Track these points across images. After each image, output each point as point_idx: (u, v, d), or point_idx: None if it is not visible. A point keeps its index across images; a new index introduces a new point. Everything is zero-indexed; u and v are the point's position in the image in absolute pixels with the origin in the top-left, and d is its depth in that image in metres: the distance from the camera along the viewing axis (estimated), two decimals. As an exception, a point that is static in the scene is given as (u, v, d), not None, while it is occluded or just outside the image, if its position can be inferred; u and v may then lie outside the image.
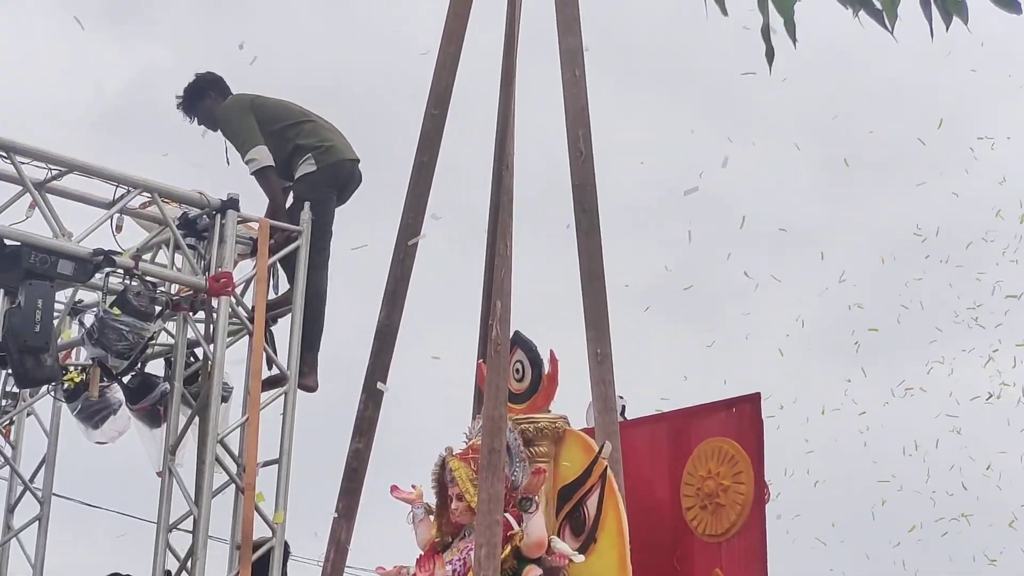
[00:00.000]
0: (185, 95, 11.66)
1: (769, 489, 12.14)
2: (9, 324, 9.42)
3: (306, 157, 11.17)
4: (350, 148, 11.57)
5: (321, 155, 11.22)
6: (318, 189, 11.17)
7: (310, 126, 11.41)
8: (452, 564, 11.76)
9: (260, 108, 11.40)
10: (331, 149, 11.30)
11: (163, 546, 9.95)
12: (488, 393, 11.73)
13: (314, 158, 11.17)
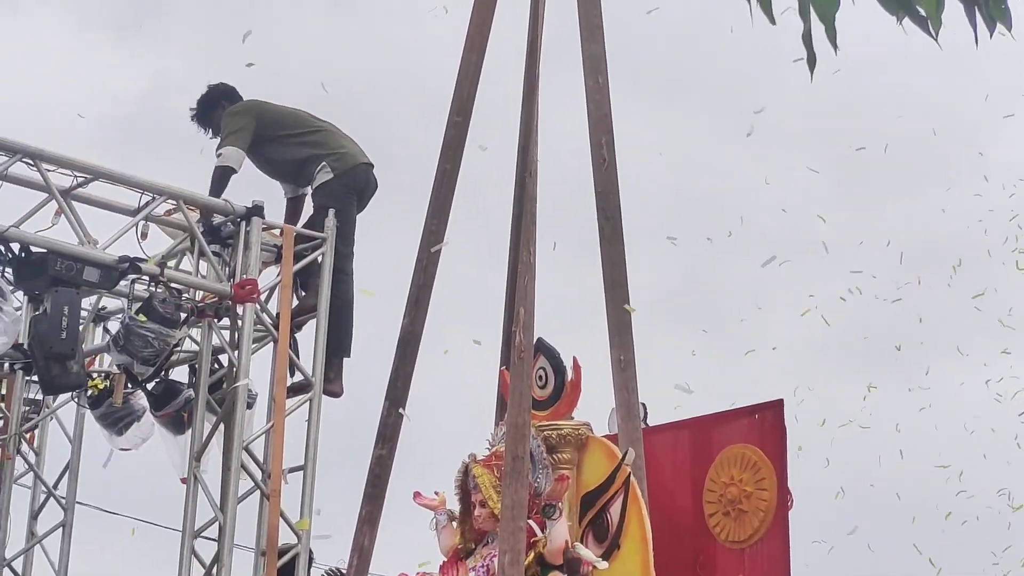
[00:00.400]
0: (198, 106, 11.66)
1: (792, 496, 12.11)
2: (35, 331, 9.43)
3: (322, 166, 11.15)
4: (363, 153, 11.56)
5: (336, 162, 11.21)
6: (337, 196, 11.15)
7: (322, 135, 11.39)
8: (475, 571, 11.77)
9: (266, 113, 11.37)
10: (345, 155, 11.28)
11: (188, 553, 9.96)
12: (512, 400, 11.72)
13: (330, 166, 11.15)
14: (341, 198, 11.17)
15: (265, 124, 11.19)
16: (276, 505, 9.94)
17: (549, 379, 12.39)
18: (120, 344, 10.01)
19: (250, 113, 11.27)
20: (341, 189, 11.18)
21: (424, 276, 12.91)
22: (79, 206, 9.81)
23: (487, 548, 11.82)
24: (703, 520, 12.41)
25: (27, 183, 9.66)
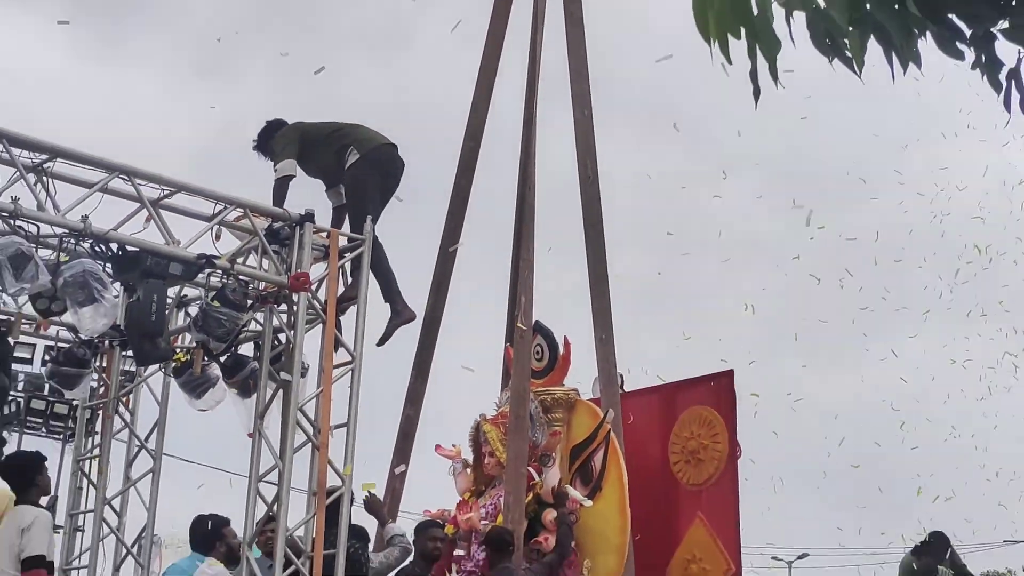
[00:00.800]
0: (257, 138, 11.64)
1: (740, 447, 12.12)
2: (130, 314, 9.42)
3: (350, 150, 11.13)
4: (385, 136, 11.45)
5: (361, 144, 11.18)
6: (362, 170, 11.09)
7: (349, 128, 11.36)
8: (485, 508, 11.78)
9: (306, 128, 11.40)
10: (368, 139, 11.23)
11: (254, 494, 9.92)
12: (515, 370, 11.75)
13: (356, 148, 11.14)
14: (364, 172, 11.12)
15: (307, 136, 11.21)
16: (324, 455, 9.91)
17: (545, 354, 12.44)
18: (198, 325, 10.00)
19: (294, 131, 11.29)
20: (367, 165, 11.12)
21: (443, 269, 12.92)
22: (165, 214, 9.78)
23: (495, 490, 11.84)
24: (669, 467, 12.45)
25: (123, 195, 9.64)
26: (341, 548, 9.79)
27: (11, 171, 9.11)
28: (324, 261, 10.38)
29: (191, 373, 10.80)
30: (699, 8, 4.31)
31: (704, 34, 4.30)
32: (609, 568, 11.56)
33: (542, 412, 11.89)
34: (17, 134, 9.12)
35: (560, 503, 11.42)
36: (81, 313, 9.27)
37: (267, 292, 10.10)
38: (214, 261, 9.85)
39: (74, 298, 9.17)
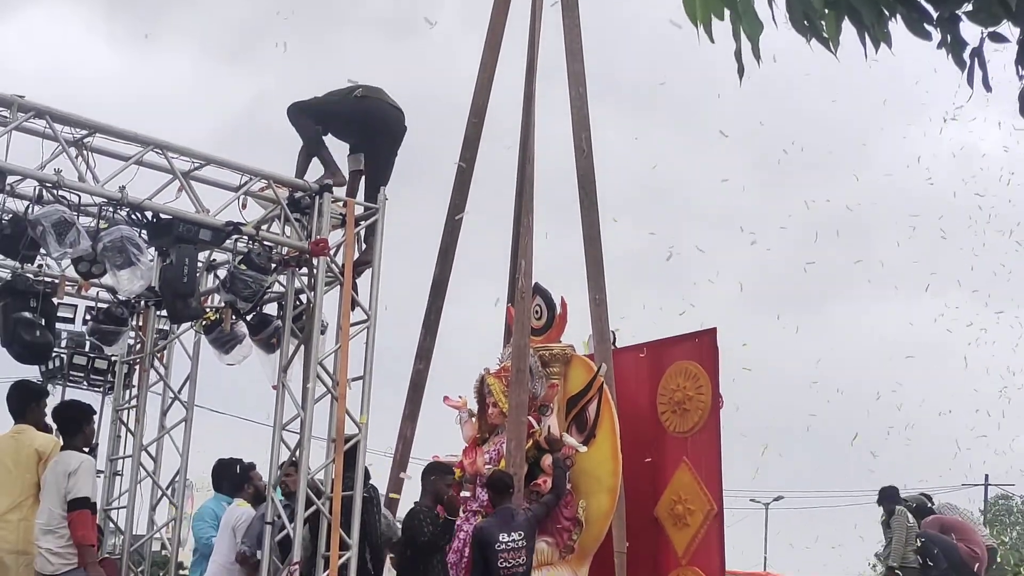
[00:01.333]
0: None
1: (722, 399, 12.15)
2: (163, 276, 9.42)
3: (358, 90, 10.92)
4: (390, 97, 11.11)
5: (369, 89, 10.96)
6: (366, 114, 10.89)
7: (355, 85, 11.02)
8: (489, 453, 11.83)
9: (318, 99, 11.03)
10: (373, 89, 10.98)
11: (278, 441, 9.96)
12: (516, 328, 11.76)
13: (363, 90, 10.92)
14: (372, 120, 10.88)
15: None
16: (343, 405, 9.94)
17: (543, 313, 12.46)
18: (227, 286, 10.01)
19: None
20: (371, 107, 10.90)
21: (450, 236, 12.92)
22: (196, 184, 9.78)
23: (497, 437, 11.88)
24: (657, 416, 12.47)
25: (157, 167, 9.63)
26: (358, 490, 9.82)
27: (54, 145, 9.13)
28: (341, 228, 10.38)
29: (220, 330, 10.85)
30: (687, -9, 4.29)
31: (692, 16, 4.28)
32: (602, 508, 11.60)
33: (541, 366, 11.92)
34: (59, 111, 9.13)
35: (556, 449, 11.45)
36: (119, 275, 9.29)
37: (289, 256, 10.11)
38: (241, 228, 9.85)
39: (113, 261, 9.19)
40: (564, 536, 11.47)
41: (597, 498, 11.63)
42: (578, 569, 11.61)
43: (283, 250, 10.09)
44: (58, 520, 8.88)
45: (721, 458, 12.02)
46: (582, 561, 11.66)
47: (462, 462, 11.99)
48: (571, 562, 11.55)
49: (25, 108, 8.93)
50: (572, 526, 11.53)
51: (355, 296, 10.26)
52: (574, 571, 11.57)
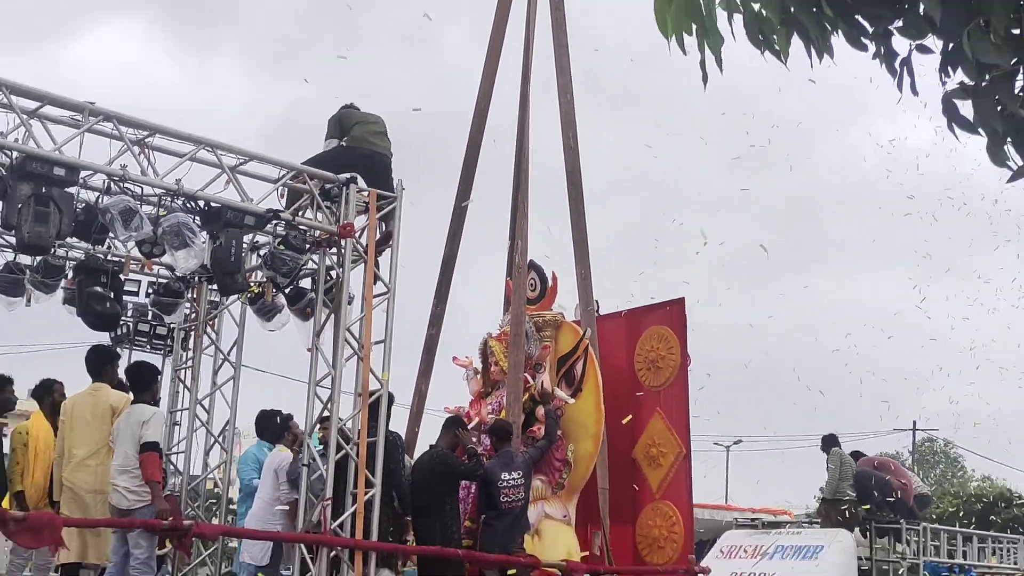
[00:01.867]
0: None
1: (690, 358, 12.16)
2: (214, 256, 9.42)
3: (343, 141, 10.77)
4: (378, 145, 10.83)
5: (353, 140, 10.74)
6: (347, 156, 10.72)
7: (360, 124, 10.80)
8: (491, 405, 11.86)
9: (344, 115, 11.00)
10: (362, 138, 10.72)
11: (312, 395, 9.96)
12: (514, 298, 11.77)
13: (348, 138, 10.73)
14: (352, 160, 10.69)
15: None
16: (367, 364, 9.95)
17: (537, 286, 12.46)
18: (268, 264, 10.02)
19: (337, 117, 10.95)
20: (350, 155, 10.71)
21: (457, 220, 12.89)
22: (241, 178, 9.77)
23: (498, 391, 11.92)
24: (634, 373, 12.50)
25: (208, 163, 9.61)
26: (380, 436, 9.85)
27: (120, 144, 9.12)
28: (365, 214, 10.37)
29: (263, 302, 10.86)
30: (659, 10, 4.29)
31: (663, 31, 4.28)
32: (587, 451, 11.64)
33: (535, 331, 11.94)
34: (125, 115, 9.11)
35: (548, 401, 11.48)
36: (176, 255, 9.30)
37: (321, 238, 10.11)
38: (280, 214, 9.86)
39: (171, 243, 9.20)
40: (556, 475, 11.52)
41: (583, 443, 11.67)
42: (567, 503, 11.66)
43: (316, 233, 10.09)
44: (133, 462, 8.93)
45: (689, 408, 12.05)
46: (571, 496, 11.71)
47: (468, 412, 12.05)
48: (562, 497, 11.60)
49: (95, 113, 8.92)
50: (562, 467, 11.58)
51: (377, 272, 10.26)
52: (564, 505, 11.62)
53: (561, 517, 11.51)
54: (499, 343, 12.06)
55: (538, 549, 10.87)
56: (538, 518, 11.21)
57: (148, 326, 12.09)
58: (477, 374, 12.33)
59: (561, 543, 11.24)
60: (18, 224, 8.53)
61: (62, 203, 8.65)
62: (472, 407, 12.18)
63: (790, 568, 13.95)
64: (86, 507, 9.27)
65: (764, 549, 14.59)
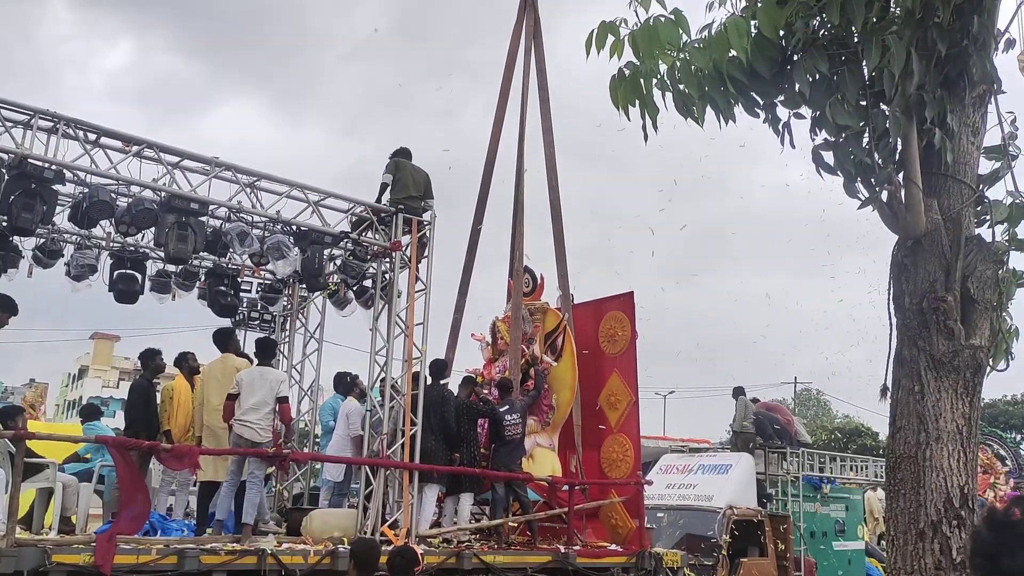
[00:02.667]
0: None
1: (638, 333, 12.11)
2: (303, 264, 9.41)
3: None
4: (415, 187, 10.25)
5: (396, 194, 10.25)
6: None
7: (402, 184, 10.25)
8: (498, 367, 11.82)
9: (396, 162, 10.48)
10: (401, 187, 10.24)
11: (372, 361, 9.91)
12: (514, 292, 11.73)
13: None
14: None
15: (396, 166, 10.71)
16: (411, 340, 9.91)
17: (530, 283, 12.38)
18: (341, 270, 10.02)
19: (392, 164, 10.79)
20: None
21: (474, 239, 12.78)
22: (323, 209, 9.73)
23: (503, 359, 11.86)
24: (599, 344, 12.41)
25: (299, 199, 9.55)
26: (420, 390, 9.84)
27: (236, 186, 9.12)
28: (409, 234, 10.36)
29: (337, 296, 10.86)
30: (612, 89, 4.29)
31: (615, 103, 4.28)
32: (566, 399, 11.61)
33: (528, 315, 11.91)
34: (239, 165, 9.10)
35: (536, 364, 11.48)
36: (277, 264, 9.31)
37: (378, 251, 10.08)
38: (348, 235, 9.84)
39: (273, 256, 9.21)
40: (544, 415, 11.52)
41: (563, 393, 11.65)
42: (552, 436, 11.64)
43: (374, 248, 10.07)
44: (269, 408, 8.84)
45: (636, 368, 12.01)
46: (555, 431, 11.69)
47: (482, 373, 12.04)
48: (548, 432, 11.58)
49: (219, 164, 8.92)
50: (549, 410, 11.58)
51: (418, 274, 10.25)
52: (550, 437, 11.61)
53: (548, 446, 11.51)
54: (504, 324, 12.05)
55: (532, 468, 10.87)
56: (532, 446, 11.20)
57: (258, 313, 12.09)
58: (488, 346, 12.30)
59: (547, 463, 11.23)
60: (165, 243, 8.56)
61: (196, 228, 8.68)
62: (485, 369, 12.15)
63: (709, 481, 13.94)
64: (219, 439, 9.25)
65: (690, 467, 14.58)
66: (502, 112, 12.95)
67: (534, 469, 10.86)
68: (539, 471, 10.86)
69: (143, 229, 8.90)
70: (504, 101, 12.93)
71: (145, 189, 8.63)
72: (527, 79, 12.72)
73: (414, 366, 9.96)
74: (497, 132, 12.96)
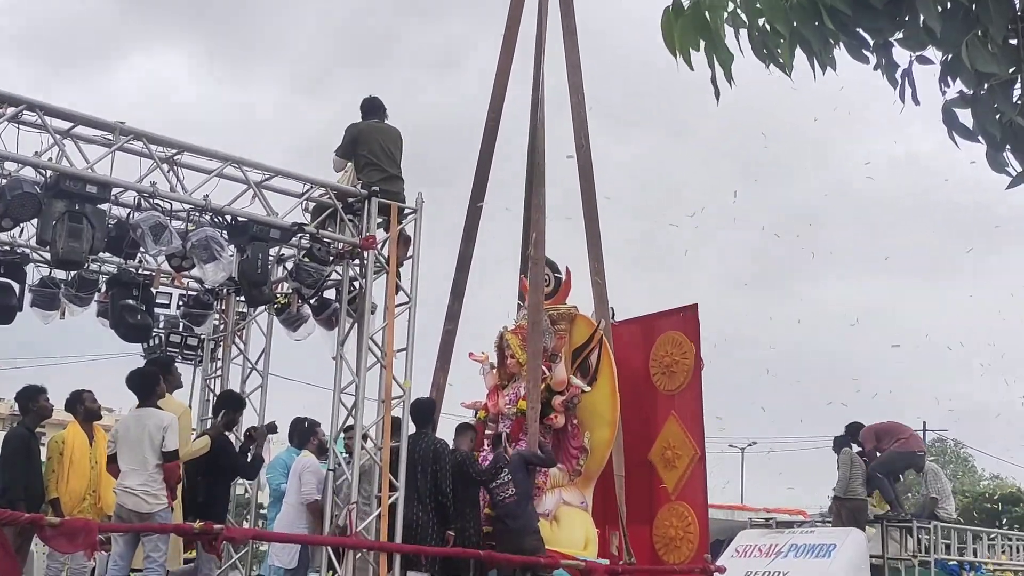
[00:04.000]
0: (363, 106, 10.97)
1: (703, 361, 12.14)
2: (241, 268, 9.46)
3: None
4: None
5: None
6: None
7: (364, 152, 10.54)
8: (508, 396, 11.90)
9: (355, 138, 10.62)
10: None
11: (337, 402, 9.99)
12: (530, 288, 11.78)
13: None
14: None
15: (354, 139, 10.57)
16: (390, 372, 9.98)
17: (551, 281, 12.42)
18: (293, 276, 10.08)
19: (348, 137, 10.66)
20: None
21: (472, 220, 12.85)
22: (267, 192, 9.81)
23: (515, 384, 11.92)
24: (649, 378, 12.48)
25: (234, 179, 9.67)
26: (403, 441, 9.87)
27: (150, 162, 9.19)
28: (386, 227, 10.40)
29: (288, 312, 10.90)
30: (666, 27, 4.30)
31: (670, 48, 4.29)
32: (604, 438, 11.65)
33: (550, 324, 11.91)
34: (153, 134, 9.18)
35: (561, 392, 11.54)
36: (205, 268, 9.36)
37: (344, 250, 10.13)
38: (304, 228, 9.90)
39: (199, 257, 9.26)
40: (572, 462, 11.56)
41: (600, 430, 11.68)
42: (584, 490, 11.68)
43: (339, 245, 10.12)
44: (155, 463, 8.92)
45: (703, 411, 12.03)
46: (588, 483, 11.73)
47: (486, 404, 12.07)
48: (578, 484, 11.63)
49: (126, 132, 9.00)
50: (579, 454, 11.61)
51: (399, 282, 10.29)
52: (581, 492, 11.65)
53: (579, 503, 11.53)
54: (515, 336, 12.05)
55: (556, 534, 10.89)
56: (556, 504, 11.24)
57: (179, 337, 12.14)
58: (493, 368, 12.27)
59: (578, 528, 11.25)
60: (52, 240, 8.61)
61: (95, 219, 8.74)
62: (489, 399, 12.15)
63: (804, 566, 13.88)
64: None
65: (778, 548, 14.53)
66: (512, 38, 12.82)
67: (559, 536, 10.85)
68: (566, 539, 10.85)
69: (21, 222, 8.97)
70: (515, 24, 12.85)
71: (24, 167, 8.69)
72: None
73: (394, 408, 10.01)
74: (506, 63, 12.82)
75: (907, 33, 4.31)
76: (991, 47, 4.08)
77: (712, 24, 4.28)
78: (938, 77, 4.41)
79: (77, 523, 8.30)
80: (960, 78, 4.28)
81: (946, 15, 4.13)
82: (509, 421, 11.67)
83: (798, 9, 4.20)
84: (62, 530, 8.11)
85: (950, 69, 4.32)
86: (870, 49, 4.39)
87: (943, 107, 4.49)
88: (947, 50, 4.26)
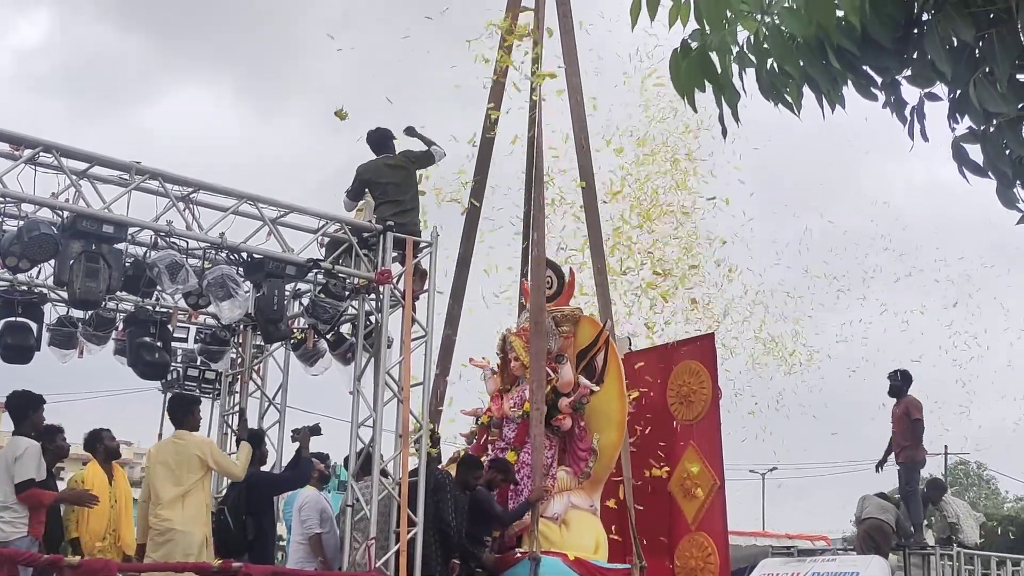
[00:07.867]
0: None
1: (721, 391, 12.11)
2: (258, 305, 9.50)
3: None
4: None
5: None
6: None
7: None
8: (512, 399, 11.81)
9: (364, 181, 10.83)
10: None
11: (354, 436, 10.01)
12: (532, 290, 11.74)
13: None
14: None
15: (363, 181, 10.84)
16: (407, 406, 9.99)
17: (554, 283, 12.31)
18: (309, 311, 10.13)
19: (357, 181, 10.90)
20: None
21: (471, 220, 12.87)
22: (283, 229, 9.86)
23: (519, 387, 11.82)
24: (667, 408, 12.43)
25: (250, 216, 9.73)
26: (421, 474, 9.87)
27: (166, 201, 9.26)
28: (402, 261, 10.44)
29: (305, 348, 10.95)
30: (674, 69, 4.31)
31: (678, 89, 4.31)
32: (612, 439, 11.51)
33: (554, 326, 11.77)
34: (169, 173, 9.25)
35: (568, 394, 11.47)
36: (221, 306, 9.39)
37: (360, 285, 10.17)
38: (320, 263, 9.94)
39: (216, 294, 9.30)
40: (581, 465, 11.43)
41: (608, 432, 11.53)
42: (593, 494, 11.56)
43: (354, 280, 10.16)
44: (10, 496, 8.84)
45: (721, 441, 11.99)
46: (596, 487, 11.60)
47: (490, 408, 12.02)
48: (587, 487, 11.48)
49: (142, 171, 9.07)
50: (588, 456, 11.48)
51: (415, 316, 10.31)
52: (590, 495, 11.52)
53: (588, 507, 11.40)
54: (519, 339, 11.92)
55: (566, 538, 10.84)
56: (564, 508, 11.14)
57: (197, 371, 12.18)
58: (495, 373, 12.18)
59: (587, 531, 11.15)
60: (70, 280, 8.68)
61: (111, 259, 8.80)
62: (493, 403, 12.05)
63: (827, 595, 13.80)
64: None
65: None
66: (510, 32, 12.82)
67: (569, 540, 10.81)
68: (576, 542, 10.80)
69: (39, 263, 9.02)
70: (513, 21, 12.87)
71: (41, 208, 8.78)
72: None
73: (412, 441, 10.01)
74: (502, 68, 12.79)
75: (915, 71, 4.32)
76: (998, 86, 4.08)
77: (720, 64, 4.30)
78: (947, 114, 4.42)
79: (97, 563, 8.30)
80: (969, 115, 4.28)
81: (953, 55, 4.13)
82: (514, 424, 11.59)
83: (805, 49, 4.21)
84: (81, 571, 8.12)
85: (959, 106, 4.32)
86: (878, 87, 4.40)
87: (952, 143, 4.48)
88: (955, 88, 4.26)
